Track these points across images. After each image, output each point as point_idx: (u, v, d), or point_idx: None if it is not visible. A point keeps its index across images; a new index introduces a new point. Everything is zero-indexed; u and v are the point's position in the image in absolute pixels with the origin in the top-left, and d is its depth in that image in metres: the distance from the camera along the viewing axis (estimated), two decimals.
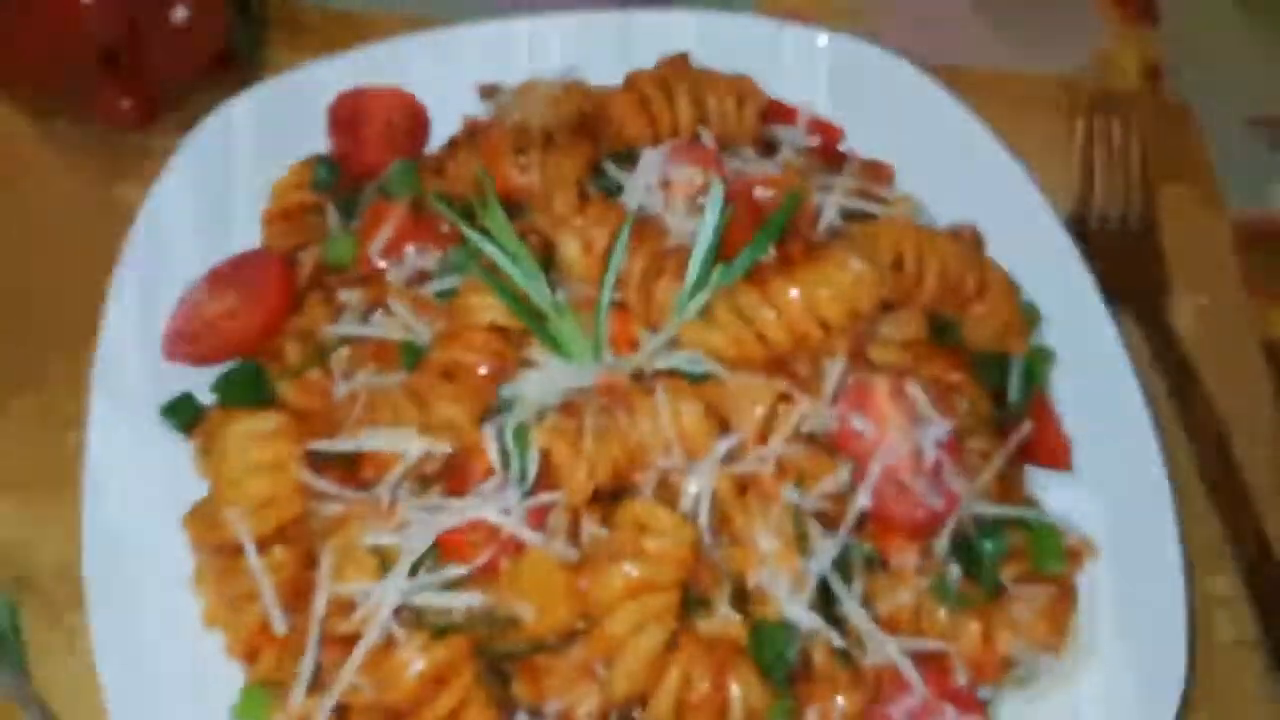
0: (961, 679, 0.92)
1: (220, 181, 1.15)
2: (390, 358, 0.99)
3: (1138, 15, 1.54)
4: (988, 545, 0.95)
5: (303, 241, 1.10)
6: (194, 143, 1.15)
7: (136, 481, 1.01)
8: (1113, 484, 1.04)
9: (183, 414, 1.02)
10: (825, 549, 0.88)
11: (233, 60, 1.30)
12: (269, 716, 0.92)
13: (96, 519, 0.98)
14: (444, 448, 0.93)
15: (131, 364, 1.05)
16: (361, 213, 1.10)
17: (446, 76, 1.22)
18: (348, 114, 1.18)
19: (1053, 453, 1.06)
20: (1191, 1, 1.57)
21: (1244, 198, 1.43)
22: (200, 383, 1.03)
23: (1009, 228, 1.14)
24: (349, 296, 1.03)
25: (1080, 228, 1.30)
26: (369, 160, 1.16)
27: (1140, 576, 1.01)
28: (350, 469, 0.95)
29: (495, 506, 0.88)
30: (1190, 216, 1.36)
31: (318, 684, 0.91)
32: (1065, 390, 1.10)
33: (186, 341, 1.04)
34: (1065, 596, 0.97)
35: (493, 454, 0.90)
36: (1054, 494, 1.05)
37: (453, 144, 1.15)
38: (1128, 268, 1.29)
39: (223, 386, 1.01)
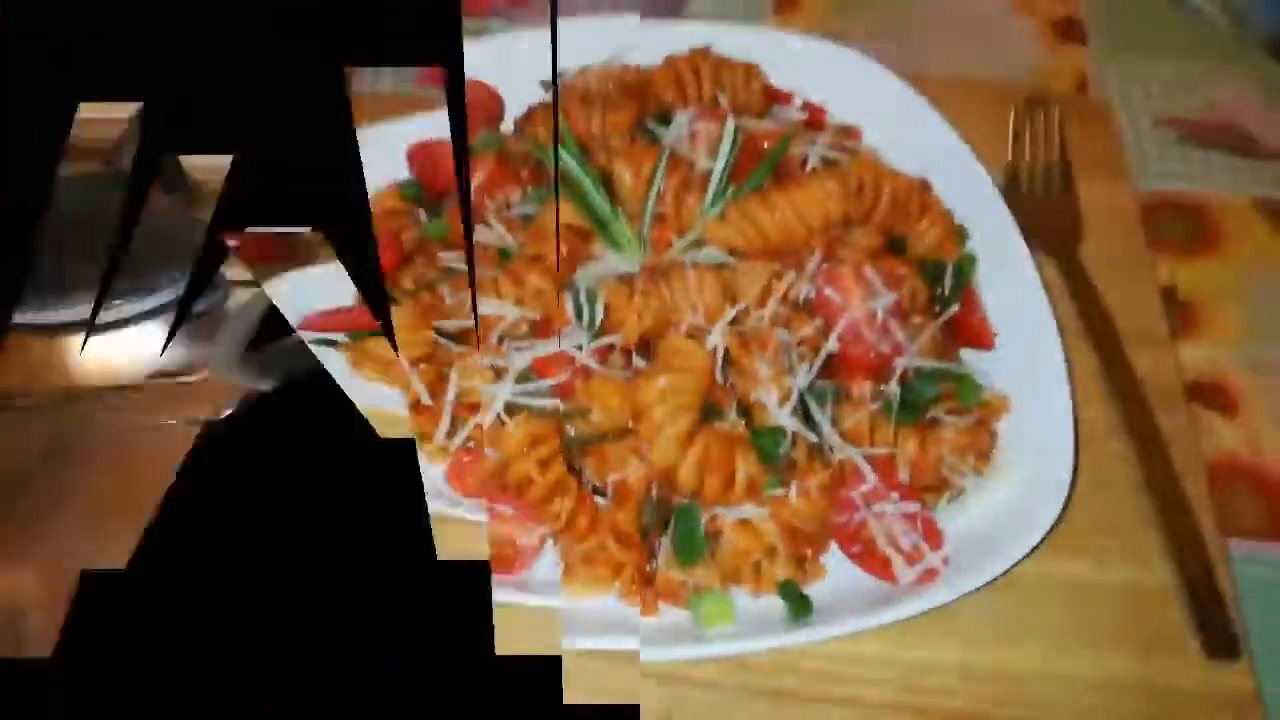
0: (904, 476, 1.27)
1: None
2: (489, 261, 1.36)
3: (1068, 37, 1.93)
4: (925, 388, 1.31)
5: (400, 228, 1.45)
6: None
7: None
8: (1023, 360, 1.38)
9: None
10: (804, 372, 1.24)
11: None
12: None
13: None
14: (534, 314, 1.30)
15: None
16: (446, 211, 1.46)
17: (513, 70, 1.56)
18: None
19: (979, 336, 1.40)
20: (1115, 25, 1.96)
21: (1150, 182, 1.81)
22: None
23: (948, 181, 1.52)
24: (447, 256, 1.38)
25: (1010, 194, 1.65)
26: None
27: (1041, 422, 1.34)
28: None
29: (572, 344, 1.25)
30: (1104, 188, 1.72)
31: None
32: (989, 296, 1.45)
33: None
34: (984, 429, 1.32)
35: (569, 310, 1.28)
36: (979, 366, 1.40)
37: (530, 112, 1.51)
38: (1048, 222, 1.63)
39: None
